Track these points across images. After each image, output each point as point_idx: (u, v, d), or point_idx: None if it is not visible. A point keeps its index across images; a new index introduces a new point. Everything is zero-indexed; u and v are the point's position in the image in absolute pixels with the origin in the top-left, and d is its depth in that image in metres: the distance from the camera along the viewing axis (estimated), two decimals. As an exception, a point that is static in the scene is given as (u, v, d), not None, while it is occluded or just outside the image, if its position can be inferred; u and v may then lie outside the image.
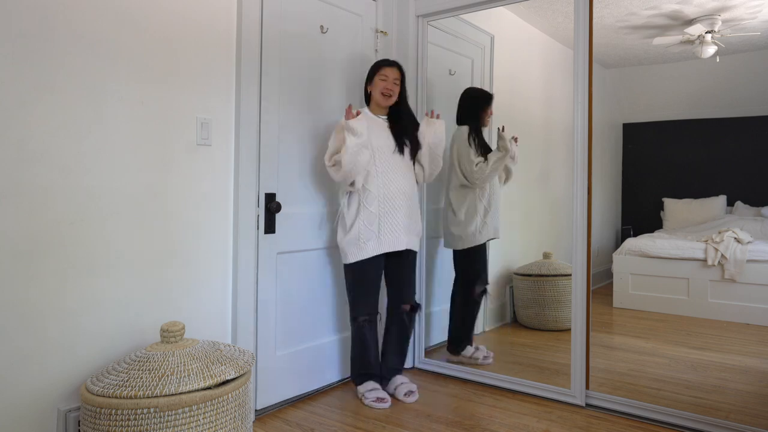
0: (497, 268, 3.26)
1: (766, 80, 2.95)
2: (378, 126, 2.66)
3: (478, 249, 3.05)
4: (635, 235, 3.21)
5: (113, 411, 1.63)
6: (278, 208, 2.50)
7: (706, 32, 2.99)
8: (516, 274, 3.25)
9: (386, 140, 2.64)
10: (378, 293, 2.69)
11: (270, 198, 2.50)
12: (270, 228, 2.50)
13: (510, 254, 3.27)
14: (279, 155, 2.56)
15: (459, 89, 3.11)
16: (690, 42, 3.05)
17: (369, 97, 2.72)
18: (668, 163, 3.19)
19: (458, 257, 3.10)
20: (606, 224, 3.26)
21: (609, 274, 3.20)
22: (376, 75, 2.65)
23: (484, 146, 3.01)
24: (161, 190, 2.11)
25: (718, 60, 3.02)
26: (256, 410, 2.49)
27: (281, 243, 2.57)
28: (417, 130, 2.73)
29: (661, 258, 3.06)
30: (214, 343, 1.98)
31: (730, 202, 3.09)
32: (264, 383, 2.51)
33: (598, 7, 3.03)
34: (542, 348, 3.10)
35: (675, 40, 3.09)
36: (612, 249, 3.22)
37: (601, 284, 3.20)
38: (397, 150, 2.65)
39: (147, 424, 1.64)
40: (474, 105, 3.06)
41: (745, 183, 3.03)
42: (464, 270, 3.09)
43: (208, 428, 1.72)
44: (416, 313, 2.80)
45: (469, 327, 3.10)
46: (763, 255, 2.84)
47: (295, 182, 2.64)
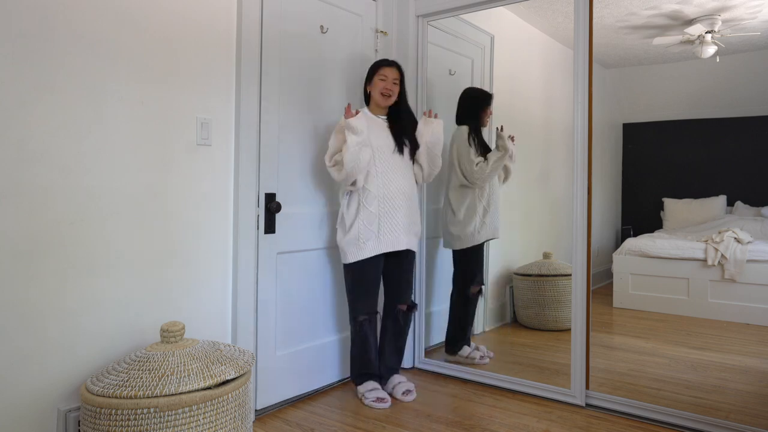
0: (497, 268, 3.26)
1: (766, 80, 2.95)
2: (377, 126, 2.66)
3: (476, 249, 3.05)
4: (635, 235, 3.21)
5: (113, 411, 1.63)
6: (278, 208, 2.50)
7: (706, 32, 2.99)
8: (516, 274, 3.25)
9: (386, 140, 2.64)
10: (378, 293, 2.69)
11: (270, 198, 2.50)
12: (270, 228, 2.50)
13: (510, 254, 3.27)
14: (279, 155, 2.56)
15: (459, 89, 3.11)
16: (690, 42, 3.05)
17: (368, 98, 2.72)
18: (668, 163, 3.19)
19: (456, 257, 3.10)
20: (606, 224, 3.26)
21: (609, 274, 3.20)
22: (375, 75, 2.65)
23: (484, 146, 3.01)
24: (161, 190, 2.11)
25: (718, 60, 3.02)
26: (256, 410, 2.49)
27: (281, 243, 2.57)
28: (416, 130, 2.73)
29: (661, 258, 3.06)
30: (214, 343, 1.98)
31: (730, 202, 3.09)
32: (264, 383, 2.51)
33: (598, 7, 3.03)
34: (542, 348, 3.10)
35: (675, 40, 3.09)
36: (612, 249, 3.22)
37: (601, 284, 3.20)
38: (397, 150, 2.65)
39: (147, 424, 1.64)
40: (473, 105, 3.06)
41: (745, 183, 3.03)
42: (461, 270, 3.10)
43: (208, 428, 1.72)
44: (412, 313, 2.80)
45: (466, 327, 3.10)
46: (763, 255, 2.84)
47: (295, 182, 2.64)
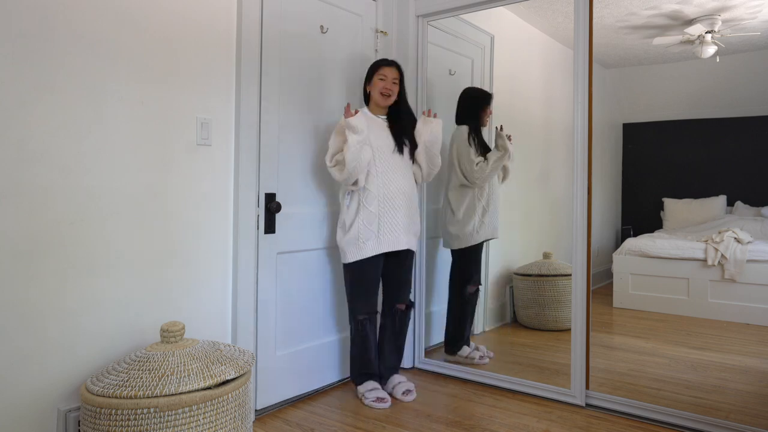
0: (497, 268, 3.26)
1: (766, 80, 2.95)
2: (377, 126, 2.65)
3: (475, 249, 3.05)
4: (635, 235, 3.21)
5: (113, 411, 1.63)
6: (278, 208, 2.50)
7: (706, 32, 2.99)
8: (516, 274, 3.25)
9: (386, 140, 2.64)
10: (377, 293, 2.69)
11: (270, 198, 2.50)
12: (270, 228, 2.50)
13: (510, 254, 3.27)
14: (279, 155, 2.56)
15: (459, 89, 3.11)
16: (690, 42, 3.05)
17: (368, 97, 2.72)
18: (668, 163, 3.19)
19: (455, 256, 3.10)
20: (606, 224, 3.26)
21: (609, 274, 3.20)
22: (375, 75, 2.65)
23: (484, 146, 3.01)
24: (161, 190, 2.11)
25: (718, 60, 3.02)
26: (256, 410, 2.49)
27: (281, 243, 2.57)
28: (415, 129, 2.73)
29: (661, 258, 3.06)
30: (214, 343, 1.98)
31: (730, 202, 3.09)
32: (264, 383, 2.51)
33: (598, 7, 3.03)
34: (542, 348, 3.10)
35: (675, 40, 3.09)
36: (612, 249, 3.22)
37: (601, 284, 3.20)
38: (397, 150, 2.64)
39: (147, 424, 1.64)
40: (473, 105, 3.06)
41: (745, 183, 3.03)
42: (459, 269, 3.10)
43: (208, 428, 1.72)
44: (410, 312, 2.81)
45: (464, 327, 3.09)
46: (763, 255, 2.84)
47: (295, 182, 2.64)
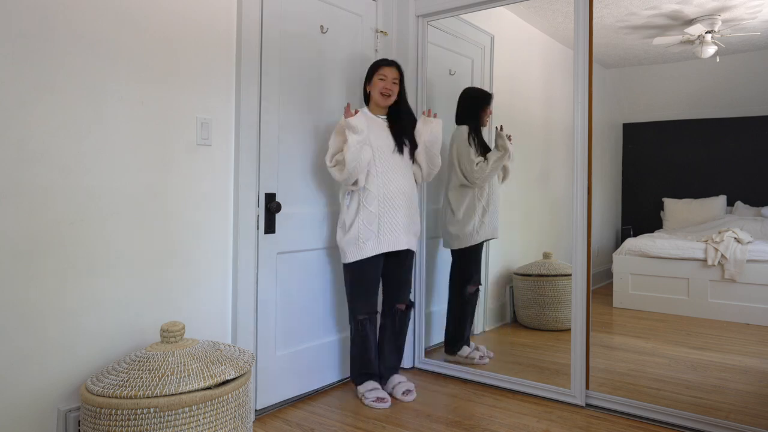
0: (497, 268, 3.26)
1: (766, 80, 2.95)
2: (377, 126, 2.65)
3: (474, 249, 3.05)
4: (635, 235, 3.21)
5: (113, 411, 1.63)
6: (278, 208, 2.50)
7: (706, 32, 2.99)
8: (516, 274, 3.25)
9: (386, 140, 2.64)
10: (377, 293, 2.69)
11: (270, 198, 2.50)
12: (270, 228, 2.50)
13: (510, 254, 3.27)
14: (279, 155, 2.56)
15: (459, 89, 3.11)
16: (690, 42, 3.05)
17: (368, 97, 2.72)
18: (668, 163, 3.19)
19: (455, 256, 3.10)
20: (606, 224, 3.26)
21: (609, 274, 3.20)
22: (375, 75, 2.65)
23: (484, 146, 3.01)
24: (161, 190, 2.11)
25: (718, 60, 3.02)
26: (256, 410, 2.49)
27: (281, 243, 2.57)
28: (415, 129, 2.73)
29: (661, 258, 3.06)
30: (214, 343, 1.98)
31: (730, 202, 3.09)
32: (264, 383, 2.51)
33: (598, 7, 3.03)
34: (542, 348, 3.10)
35: (675, 40, 3.09)
36: (612, 249, 3.22)
37: (601, 284, 3.20)
38: (397, 150, 2.64)
39: (147, 424, 1.64)
40: (473, 104, 3.06)
41: (745, 183, 3.03)
42: (459, 269, 3.10)
43: (208, 428, 1.72)
44: (410, 312, 2.80)
45: (464, 327, 3.09)
46: (763, 255, 2.84)
47: (295, 182, 2.64)
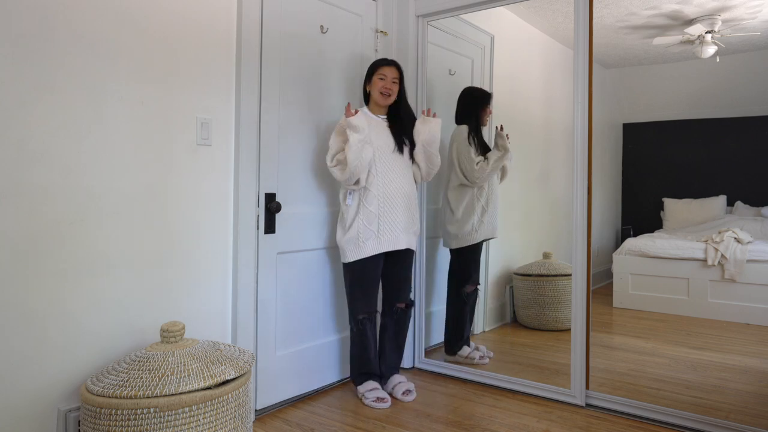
0: (497, 268, 3.26)
1: (766, 80, 2.95)
2: (377, 125, 2.65)
3: (473, 248, 3.04)
4: (635, 235, 3.21)
5: (113, 411, 1.63)
6: (278, 208, 2.50)
7: (706, 32, 2.99)
8: (516, 274, 3.25)
9: (386, 140, 2.64)
10: (377, 292, 2.69)
11: (270, 198, 2.50)
12: (270, 228, 2.50)
13: (510, 254, 3.27)
14: (279, 155, 2.56)
15: (459, 89, 3.11)
16: (690, 42, 3.05)
17: (368, 97, 2.72)
18: (668, 163, 3.19)
19: (453, 256, 3.10)
20: (606, 224, 3.26)
21: (609, 274, 3.20)
22: (375, 74, 2.65)
23: (484, 145, 3.01)
24: (161, 190, 2.11)
25: (718, 60, 3.02)
26: (256, 410, 2.49)
27: (281, 243, 2.57)
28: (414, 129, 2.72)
29: (661, 258, 3.06)
30: (214, 343, 1.98)
31: (730, 202, 3.08)
32: (264, 383, 2.51)
33: (598, 7, 3.03)
34: (542, 348, 3.10)
35: (675, 40, 3.09)
36: (612, 249, 3.22)
37: (601, 284, 3.20)
38: (397, 149, 2.64)
39: (147, 424, 1.64)
40: (473, 104, 3.06)
41: (745, 183, 3.03)
42: (458, 269, 3.10)
43: (208, 428, 1.72)
44: (410, 311, 2.81)
45: (463, 327, 3.09)
46: (763, 255, 2.84)
47: (295, 182, 2.64)
